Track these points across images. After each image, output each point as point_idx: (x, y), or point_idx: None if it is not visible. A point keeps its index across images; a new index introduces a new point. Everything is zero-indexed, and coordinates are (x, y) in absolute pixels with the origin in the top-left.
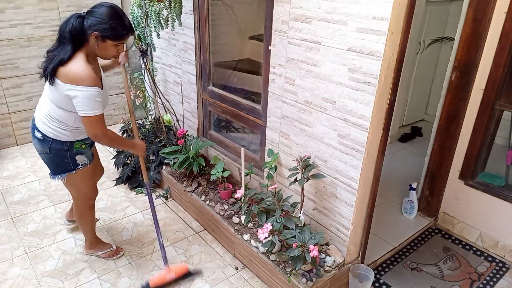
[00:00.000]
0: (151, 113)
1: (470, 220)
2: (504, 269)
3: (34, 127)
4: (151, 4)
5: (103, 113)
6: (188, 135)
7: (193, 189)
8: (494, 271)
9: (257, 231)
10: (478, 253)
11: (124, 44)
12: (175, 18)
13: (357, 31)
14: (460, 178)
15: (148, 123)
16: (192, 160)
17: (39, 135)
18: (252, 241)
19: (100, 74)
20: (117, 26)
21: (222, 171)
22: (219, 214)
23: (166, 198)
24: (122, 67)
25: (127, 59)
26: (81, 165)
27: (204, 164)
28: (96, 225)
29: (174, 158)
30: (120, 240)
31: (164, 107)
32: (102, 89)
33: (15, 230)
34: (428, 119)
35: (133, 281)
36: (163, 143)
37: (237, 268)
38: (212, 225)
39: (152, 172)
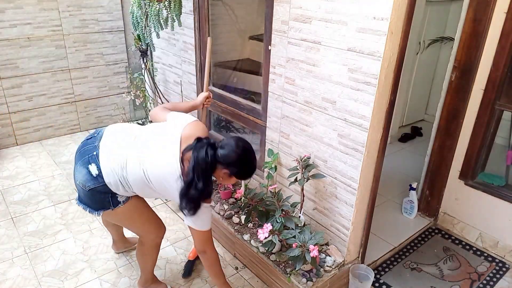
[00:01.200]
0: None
1: (470, 220)
2: (504, 269)
3: (95, 160)
4: (151, 4)
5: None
6: None
7: None
8: (494, 271)
9: (257, 231)
10: (478, 253)
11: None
12: (175, 18)
13: (357, 31)
14: (460, 178)
15: (148, 123)
16: None
17: (94, 171)
18: (252, 241)
19: None
20: (249, 170)
21: None
22: (219, 214)
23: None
24: (204, 110)
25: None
26: (123, 202)
27: None
28: (97, 226)
29: None
30: None
31: None
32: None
33: (15, 230)
34: (428, 119)
35: (133, 281)
36: None
37: (237, 268)
38: (212, 225)
39: None
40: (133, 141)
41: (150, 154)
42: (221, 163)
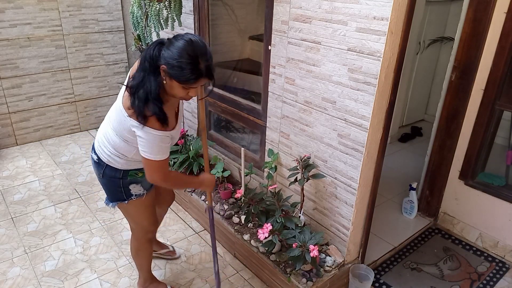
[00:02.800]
0: None
1: (470, 220)
2: (504, 269)
3: (92, 148)
4: (151, 4)
5: (167, 158)
6: (188, 135)
7: (193, 189)
8: (494, 271)
9: (257, 231)
10: (478, 253)
11: (201, 89)
12: (175, 18)
13: (357, 31)
14: (460, 178)
15: None
16: (192, 160)
17: (95, 157)
18: (252, 241)
19: (176, 108)
20: (186, 67)
21: (222, 171)
22: (219, 214)
23: None
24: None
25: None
26: (135, 195)
27: (204, 164)
28: (97, 226)
29: (174, 158)
30: (120, 240)
31: None
32: (174, 129)
33: (15, 230)
34: (428, 119)
35: (133, 281)
36: None
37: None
38: None
39: None
40: (107, 115)
41: (110, 114)
42: (161, 60)
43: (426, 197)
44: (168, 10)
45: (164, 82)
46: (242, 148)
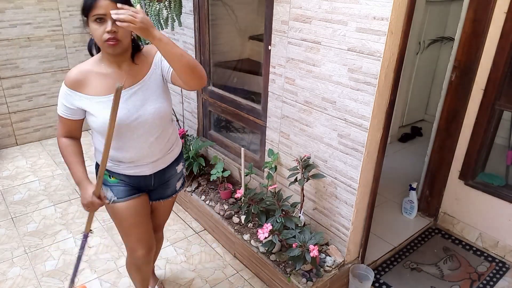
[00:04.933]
0: None
1: (470, 220)
2: (504, 269)
3: None
4: (151, 4)
5: (63, 118)
6: (188, 135)
7: (193, 189)
8: (494, 271)
9: (257, 231)
10: (478, 253)
11: (109, 21)
12: (175, 18)
13: (357, 31)
14: (460, 178)
15: None
16: (192, 160)
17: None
18: (252, 241)
19: (121, 77)
20: None
21: (222, 171)
22: (219, 214)
23: None
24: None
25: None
26: (108, 199)
27: (204, 164)
28: (97, 226)
29: None
30: (120, 240)
31: None
32: (97, 95)
33: (15, 230)
34: (428, 119)
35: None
36: None
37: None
38: (212, 225)
39: None
40: None
41: None
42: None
43: (426, 197)
44: (168, 10)
45: (89, 33)
46: (242, 148)
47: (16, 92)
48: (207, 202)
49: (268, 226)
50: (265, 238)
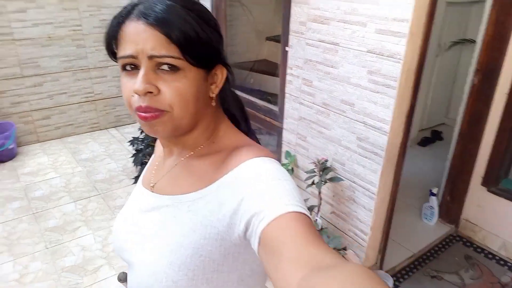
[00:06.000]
0: None
1: (493, 228)
2: None
3: None
4: None
5: None
6: None
7: None
8: None
9: None
10: (502, 262)
11: (142, 70)
12: None
13: (377, 32)
14: (483, 185)
15: None
16: None
17: None
18: None
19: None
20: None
21: None
22: None
23: None
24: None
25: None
26: None
27: None
28: (112, 224)
29: None
30: None
31: None
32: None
33: (36, 225)
34: (449, 122)
35: None
36: None
37: None
38: None
39: None
40: None
41: None
42: None
43: (447, 203)
44: None
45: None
46: None
47: (37, 90)
48: None
49: None
50: None
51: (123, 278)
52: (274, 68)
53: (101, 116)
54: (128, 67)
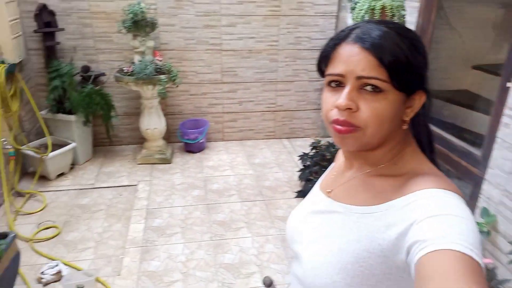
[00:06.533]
0: None
1: None
2: None
3: None
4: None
5: None
6: None
7: None
8: None
9: None
10: None
11: (348, 88)
12: None
13: None
14: None
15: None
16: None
17: None
18: None
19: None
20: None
21: None
22: None
23: None
24: None
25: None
26: None
27: None
28: (273, 233)
29: None
30: (291, 254)
31: None
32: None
33: (207, 216)
34: None
35: None
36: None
37: None
38: None
39: None
40: None
41: None
42: None
43: None
44: None
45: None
46: None
47: (231, 95)
48: None
49: None
50: None
51: (267, 282)
52: (477, 102)
53: (278, 126)
54: (333, 84)
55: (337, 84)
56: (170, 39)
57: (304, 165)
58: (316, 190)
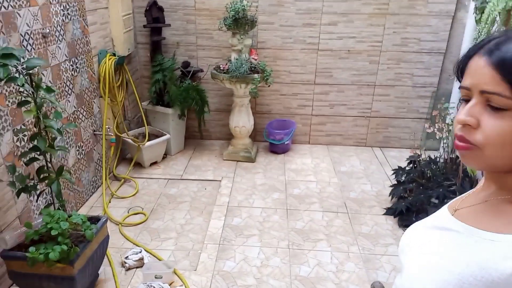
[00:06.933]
0: (446, 149)
1: None
2: None
3: None
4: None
5: None
6: None
7: None
8: None
9: None
10: None
11: (471, 102)
12: None
13: None
14: None
15: (442, 160)
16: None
17: None
18: None
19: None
20: None
21: None
22: None
23: None
24: None
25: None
26: None
27: None
28: (355, 251)
29: None
30: (374, 278)
31: None
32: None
33: (285, 222)
34: None
35: None
36: (453, 189)
37: None
38: None
39: None
40: None
41: None
42: None
43: None
44: None
45: None
46: None
47: (323, 98)
48: None
49: None
50: None
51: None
52: None
53: (371, 134)
54: (463, 97)
55: (466, 98)
56: (268, 37)
57: (397, 180)
58: (443, 207)
